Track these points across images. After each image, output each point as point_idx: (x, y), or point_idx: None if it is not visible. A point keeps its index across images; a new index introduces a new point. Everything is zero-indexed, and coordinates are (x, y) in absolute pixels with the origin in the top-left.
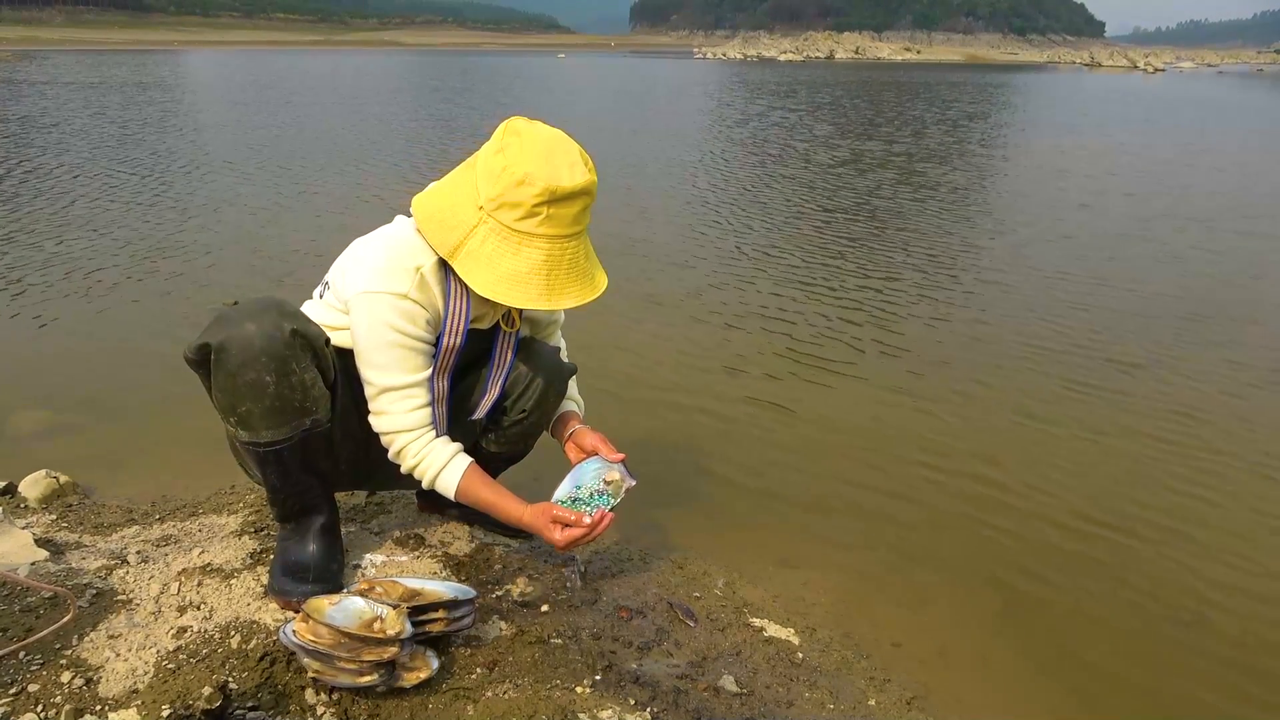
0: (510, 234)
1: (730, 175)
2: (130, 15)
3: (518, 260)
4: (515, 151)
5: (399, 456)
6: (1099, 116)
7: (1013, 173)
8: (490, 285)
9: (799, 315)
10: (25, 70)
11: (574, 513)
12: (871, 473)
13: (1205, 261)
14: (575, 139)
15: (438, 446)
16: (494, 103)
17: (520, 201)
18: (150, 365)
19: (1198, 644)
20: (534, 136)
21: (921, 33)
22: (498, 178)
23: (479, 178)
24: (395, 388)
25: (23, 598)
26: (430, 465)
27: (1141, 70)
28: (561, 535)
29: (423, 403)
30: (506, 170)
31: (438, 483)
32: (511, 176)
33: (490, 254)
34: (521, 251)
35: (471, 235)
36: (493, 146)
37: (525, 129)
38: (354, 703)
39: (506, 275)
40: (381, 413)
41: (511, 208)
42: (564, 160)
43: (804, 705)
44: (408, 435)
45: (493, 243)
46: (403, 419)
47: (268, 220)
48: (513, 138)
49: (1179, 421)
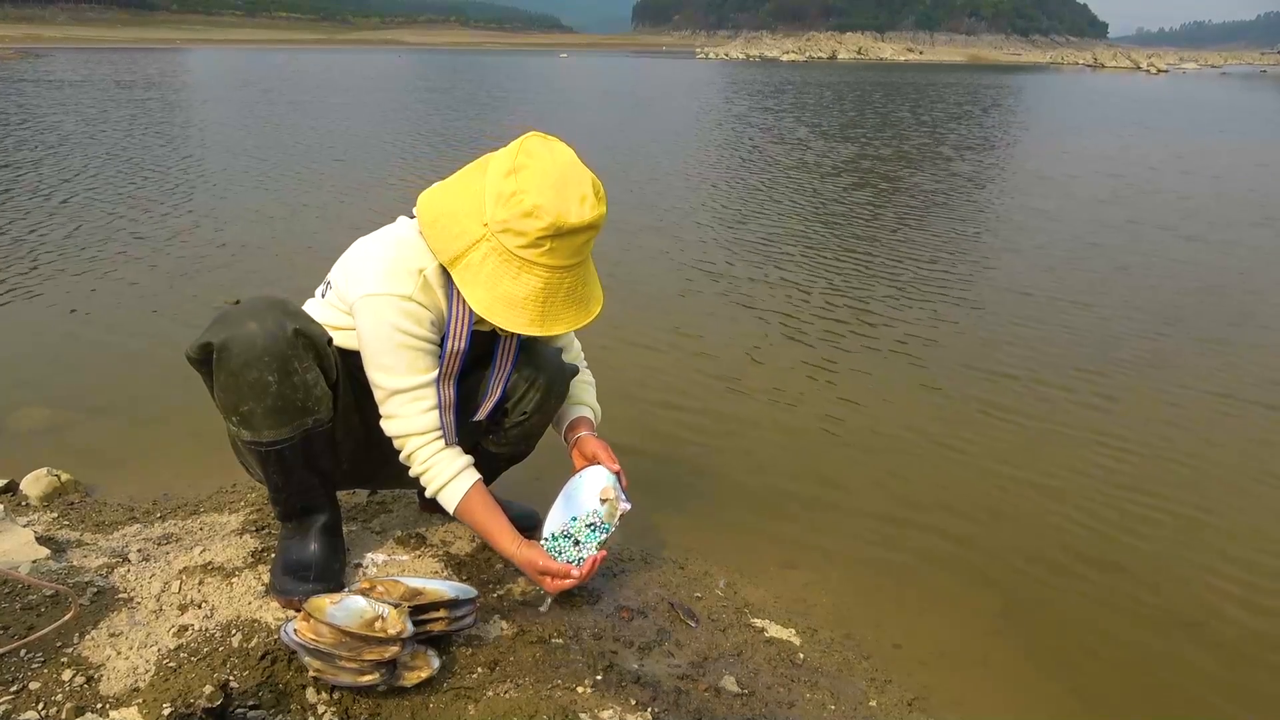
0: (511, 258)
1: (733, 175)
2: (132, 13)
3: (516, 285)
4: (527, 178)
5: (409, 460)
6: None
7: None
8: (486, 305)
9: (802, 315)
10: (23, 69)
11: (562, 566)
12: (873, 474)
13: (1206, 262)
14: (583, 139)
15: (446, 458)
16: (498, 103)
17: (525, 231)
18: (152, 363)
19: (1199, 645)
20: (548, 163)
21: (924, 33)
22: (506, 202)
23: (488, 196)
24: (404, 389)
25: (24, 595)
26: (436, 477)
27: (1145, 71)
28: (551, 585)
29: (433, 405)
30: (515, 197)
31: (440, 496)
32: (520, 205)
33: (490, 273)
34: (521, 277)
35: (473, 249)
36: (505, 164)
37: (540, 151)
38: (355, 702)
39: (503, 297)
40: (393, 416)
41: (516, 234)
42: (575, 193)
43: (805, 706)
44: (419, 439)
45: (493, 262)
46: (414, 422)
47: (273, 218)
48: (525, 159)
49: (1182, 422)
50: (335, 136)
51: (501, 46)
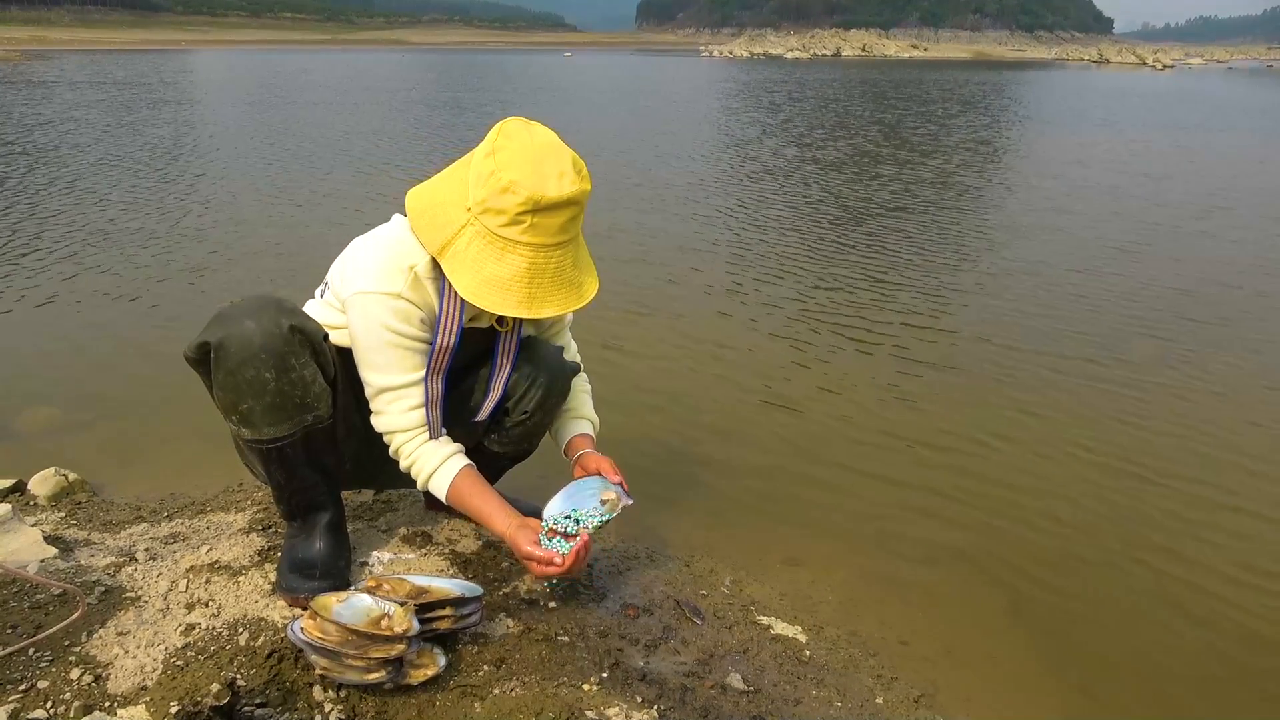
0: (494, 239)
1: (736, 175)
2: (137, 14)
3: (500, 266)
4: (505, 156)
5: (397, 455)
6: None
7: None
8: (472, 289)
9: (806, 314)
10: (40, 70)
11: (548, 552)
12: (878, 472)
13: (1212, 251)
14: (573, 133)
15: (430, 448)
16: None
17: (504, 208)
18: (159, 363)
19: (1206, 641)
20: (526, 142)
21: (929, 30)
22: (485, 181)
23: (469, 178)
24: (392, 388)
25: (32, 595)
26: (423, 467)
27: (1150, 67)
28: (537, 569)
29: (419, 403)
30: (494, 175)
31: (431, 485)
32: (498, 182)
33: (475, 257)
34: (505, 258)
35: (459, 235)
36: (485, 148)
37: (517, 132)
38: (361, 700)
39: (488, 280)
40: (380, 413)
41: (496, 213)
42: (553, 169)
43: (811, 703)
44: (404, 435)
45: (478, 245)
46: (399, 419)
47: (277, 219)
48: (504, 140)
49: (1186, 419)
50: (345, 137)
51: (505, 46)
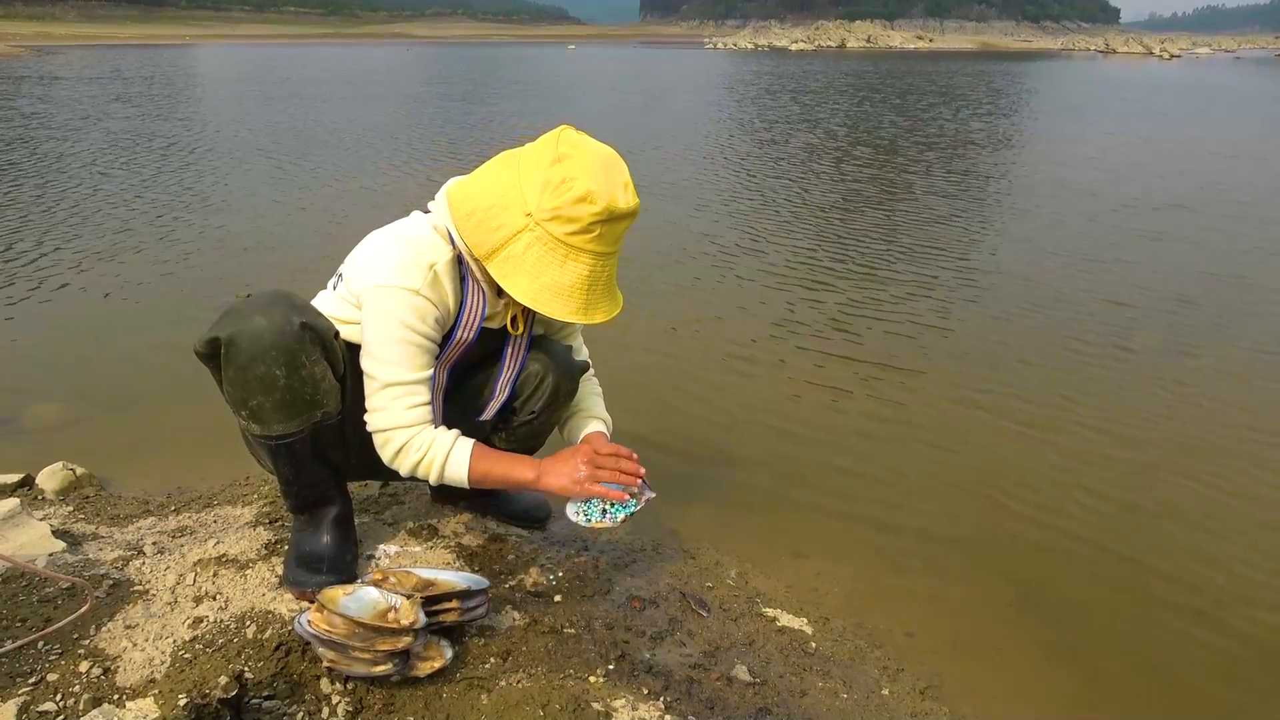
0: (558, 245)
1: (740, 169)
2: (142, 10)
3: (563, 273)
4: (575, 165)
5: (399, 453)
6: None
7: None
8: (532, 294)
9: (810, 309)
10: (50, 65)
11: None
12: (884, 464)
13: (1206, 254)
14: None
15: (440, 435)
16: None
17: (578, 217)
18: (167, 358)
19: (1211, 634)
20: (593, 153)
21: (934, 20)
22: (556, 190)
23: (532, 185)
24: (399, 383)
25: (41, 588)
26: (436, 454)
27: (1157, 56)
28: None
29: (423, 400)
30: (565, 184)
31: (448, 468)
32: (572, 192)
33: (534, 263)
34: (567, 265)
35: (514, 240)
36: (547, 155)
37: (581, 142)
38: (369, 692)
39: (549, 286)
40: (380, 409)
41: (567, 221)
42: (619, 180)
43: (817, 695)
44: (407, 431)
45: (538, 251)
46: (402, 415)
47: (285, 214)
48: (569, 149)
49: (1189, 414)
50: (356, 131)
51: (509, 39)
